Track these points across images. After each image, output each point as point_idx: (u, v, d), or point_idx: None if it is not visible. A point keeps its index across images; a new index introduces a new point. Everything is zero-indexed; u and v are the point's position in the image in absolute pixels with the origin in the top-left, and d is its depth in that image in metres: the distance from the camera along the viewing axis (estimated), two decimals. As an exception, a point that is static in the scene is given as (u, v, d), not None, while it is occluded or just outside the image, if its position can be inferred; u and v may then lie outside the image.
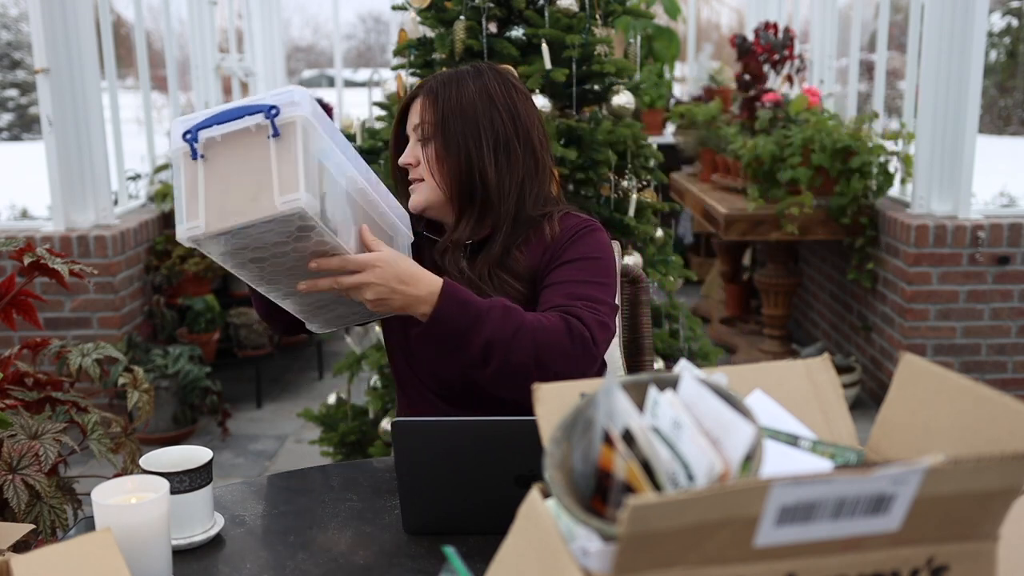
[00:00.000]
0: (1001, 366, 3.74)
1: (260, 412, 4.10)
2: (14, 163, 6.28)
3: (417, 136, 1.63)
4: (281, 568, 1.20)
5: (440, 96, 1.61)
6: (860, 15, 4.62)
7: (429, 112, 1.61)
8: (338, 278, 1.38)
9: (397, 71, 2.76)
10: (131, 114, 4.55)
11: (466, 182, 1.60)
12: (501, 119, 1.60)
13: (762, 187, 3.97)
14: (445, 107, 1.60)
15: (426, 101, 1.62)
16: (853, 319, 4.27)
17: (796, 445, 0.88)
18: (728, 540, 0.68)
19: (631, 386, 0.83)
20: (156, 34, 4.83)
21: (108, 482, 1.17)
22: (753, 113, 4.39)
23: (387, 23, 5.59)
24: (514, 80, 1.66)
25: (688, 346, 2.85)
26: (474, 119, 1.59)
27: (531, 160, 1.63)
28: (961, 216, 3.66)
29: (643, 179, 2.71)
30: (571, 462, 0.81)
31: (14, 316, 1.85)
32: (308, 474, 1.52)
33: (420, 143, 1.62)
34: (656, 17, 4.84)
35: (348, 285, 1.39)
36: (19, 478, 1.57)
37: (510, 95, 1.63)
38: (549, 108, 2.47)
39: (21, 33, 12.21)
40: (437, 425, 1.26)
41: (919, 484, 0.68)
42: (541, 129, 1.66)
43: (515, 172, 1.61)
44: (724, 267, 5.23)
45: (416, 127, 1.62)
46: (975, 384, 0.81)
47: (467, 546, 1.21)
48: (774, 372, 0.98)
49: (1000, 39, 9.52)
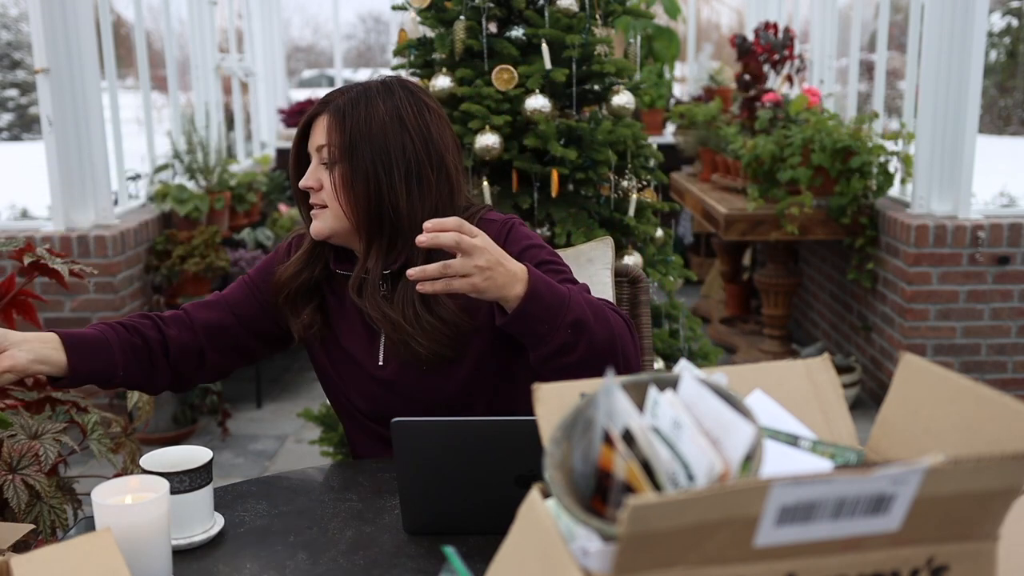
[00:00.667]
0: (1001, 366, 3.74)
1: (260, 412, 4.10)
2: (14, 163, 6.28)
3: (320, 158, 1.52)
4: (281, 568, 1.20)
5: (348, 117, 1.49)
6: (860, 15, 4.63)
7: (335, 134, 1.49)
8: (461, 234, 1.31)
9: (397, 71, 2.76)
10: (131, 114, 4.55)
11: (375, 211, 1.49)
12: (413, 145, 1.50)
13: (762, 187, 3.98)
14: (353, 130, 1.48)
15: (332, 121, 1.50)
16: (853, 319, 4.27)
17: (796, 445, 0.88)
18: (728, 540, 0.68)
19: (631, 386, 0.83)
20: (156, 34, 4.83)
21: (108, 482, 1.17)
22: (753, 113, 4.39)
23: (387, 23, 5.59)
24: (426, 98, 1.56)
25: (688, 346, 2.85)
26: (384, 145, 1.48)
27: (445, 185, 1.53)
28: (961, 216, 3.66)
29: (643, 179, 2.71)
30: (571, 462, 0.81)
31: (14, 316, 1.85)
32: (308, 474, 1.52)
33: (324, 166, 1.52)
34: (656, 17, 4.84)
35: (469, 243, 1.30)
36: (19, 478, 1.57)
37: (422, 116, 1.52)
38: (549, 108, 2.47)
39: (21, 33, 12.22)
40: (437, 425, 1.26)
41: (919, 484, 0.68)
42: (455, 148, 1.56)
43: (428, 200, 1.51)
44: (724, 267, 5.23)
45: (320, 148, 1.51)
46: (975, 384, 0.81)
47: (467, 546, 1.21)
48: (774, 372, 0.98)
49: (1000, 39, 9.52)
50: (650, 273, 2.69)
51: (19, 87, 12.85)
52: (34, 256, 1.82)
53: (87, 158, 3.65)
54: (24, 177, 4.69)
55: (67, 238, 3.62)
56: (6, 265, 3.63)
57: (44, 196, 3.80)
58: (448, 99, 2.51)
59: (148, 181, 4.38)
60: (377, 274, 1.52)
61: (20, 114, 13.23)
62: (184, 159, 4.35)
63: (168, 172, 4.37)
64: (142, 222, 3.94)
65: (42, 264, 1.82)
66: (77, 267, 1.86)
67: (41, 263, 1.82)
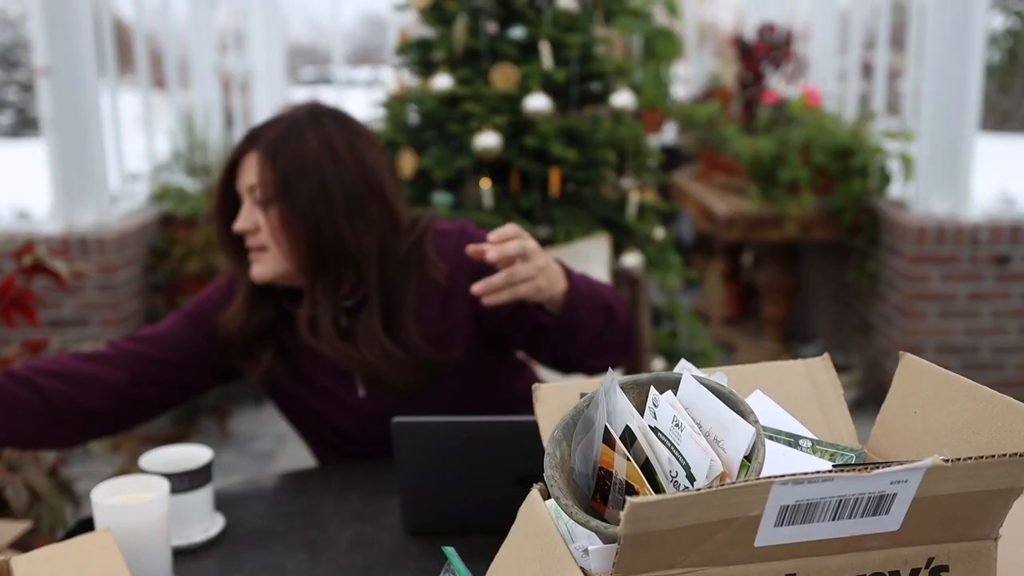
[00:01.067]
0: (1001, 366, 3.74)
1: (260, 412, 4.10)
2: (14, 163, 6.27)
3: (253, 198, 1.43)
4: (281, 568, 1.20)
5: (279, 153, 1.41)
6: (860, 15, 4.62)
7: (267, 172, 1.41)
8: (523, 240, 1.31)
9: (398, 70, 2.77)
10: (131, 114, 4.55)
11: (317, 248, 1.42)
12: (350, 175, 1.43)
13: (762, 187, 3.98)
14: (286, 166, 1.41)
15: (262, 158, 1.42)
16: (853, 319, 4.27)
17: (796, 445, 0.88)
18: (728, 540, 0.68)
19: (631, 386, 0.83)
20: (156, 34, 4.83)
21: (108, 482, 1.17)
22: (753, 113, 4.39)
23: (387, 23, 5.59)
24: (355, 124, 1.49)
25: (688, 346, 2.85)
26: (320, 179, 1.41)
27: (387, 214, 1.46)
28: (961, 216, 3.66)
29: (643, 179, 2.72)
30: (571, 462, 0.81)
31: (14, 316, 1.85)
32: (308, 474, 1.52)
33: (258, 206, 1.43)
34: (656, 17, 4.84)
35: (532, 247, 1.31)
36: (19, 478, 1.57)
37: (354, 144, 1.45)
38: (549, 108, 2.47)
39: (20, 33, 12.20)
40: (437, 425, 1.26)
41: (919, 484, 0.68)
42: (390, 172, 1.50)
43: (372, 230, 1.44)
44: (724, 267, 5.23)
45: (252, 188, 1.43)
46: (975, 384, 0.81)
47: (467, 546, 1.20)
48: (774, 372, 0.98)
49: (1000, 39, 9.52)
50: (650, 273, 2.69)
51: (19, 87, 12.85)
52: (34, 256, 1.82)
53: (87, 158, 3.65)
54: (24, 177, 4.68)
55: (67, 238, 3.62)
56: (6, 265, 3.63)
57: (44, 196, 3.79)
58: (448, 99, 2.51)
59: (148, 181, 4.38)
60: (329, 312, 1.45)
61: (20, 114, 13.22)
62: (184, 159, 4.35)
63: (168, 172, 4.37)
64: (142, 222, 3.94)
65: (42, 264, 1.82)
66: (77, 267, 1.86)
67: (41, 263, 1.82)
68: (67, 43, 3.53)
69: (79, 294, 3.65)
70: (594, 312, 1.41)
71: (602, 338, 1.44)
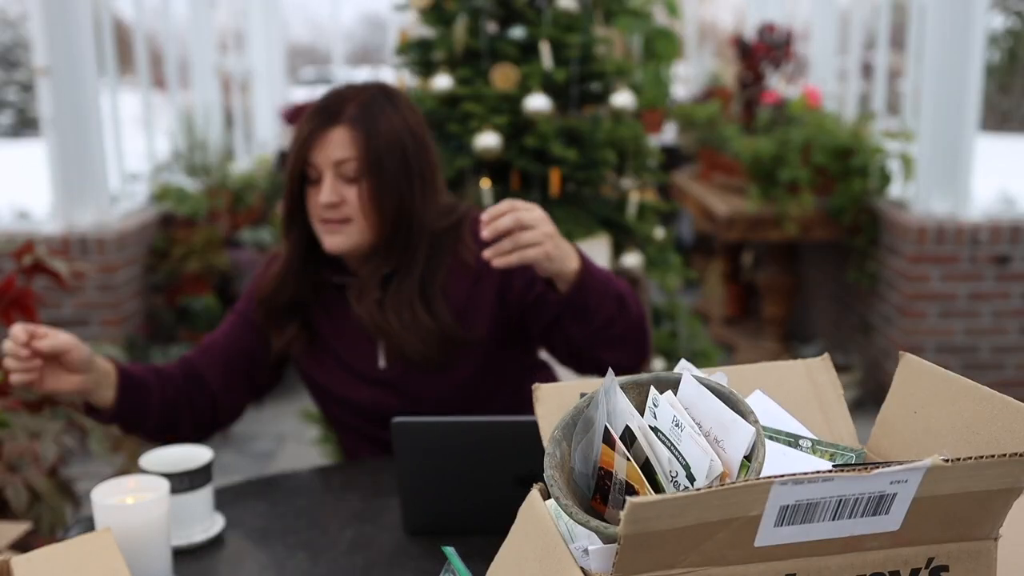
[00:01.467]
0: (1001, 366, 3.74)
1: (260, 412, 4.10)
2: (14, 163, 6.27)
3: (338, 172, 1.46)
4: (281, 568, 1.20)
5: (368, 130, 1.45)
6: (860, 15, 4.63)
7: (361, 148, 1.45)
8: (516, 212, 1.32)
9: (398, 70, 2.77)
10: (131, 114, 4.55)
11: (398, 221, 1.49)
12: (424, 152, 1.51)
13: (762, 187, 3.98)
14: (378, 143, 1.45)
15: (353, 135, 1.45)
16: (853, 319, 4.27)
17: (796, 445, 0.88)
18: (728, 540, 0.68)
19: (631, 386, 0.83)
20: (156, 34, 4.83)
21: (108, 482, 1.17)
22: (753, 113, 4.39)
23: (387, 23, 5.59)
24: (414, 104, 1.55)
25: (688, 346, 2.85)
26: (403, 155, 1.47)
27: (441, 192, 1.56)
28: (961, 216, 3.66)
29: (643, 179, 2.72)
30: (571, 462, 0.81)
31: (14, 316, 1.85)
32: (308, 474, 1.52)
33: (342, 180, 1.47)
34: (656, 17, 4.84)
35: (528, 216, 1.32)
36: (19, 478, 1.57)
37: (422, 123, 1.52)
38: (549, 108, 2.47)
39: (20, 33, 12.21)
40: (437, 425, 1.26)
41: (919, 484, 0.68)
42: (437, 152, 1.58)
43: (434, 202, 1.53)
44: (724, 267, 5.23)
45: (340, 163, 1.46)
46: (975, 384, 0.81)
47: (467, 546, 1.20)
48: (774, 372, 0.98)
49: (1000, 39, 9.52)
50: (650, 273, 2.69)
51: (19, 87, 12.85)
52: (34, 256, 1.82)
53: (86, 158, 3.65)
54: (24, 177, 4.68)
55: (67, 238, 3.62)
56: (6, 265, 3.63)
57: (44, 196, 3.79)
58: (448, 99, 2.51)
59: (148, 181, 4.38)
60: (376, 279, 1.52)
61: (20, 114, 13.22)
62: (184, 159, 4.35)
63: (167, 172, 4.37)
64: (142, 222, 3.94)
65: (42, 264, 1.82)
66: (77, 267, 1.86)
67: (41, 263, 1.82)
68: (67, 43, 3.53)
69: (79, 294, 3.65)
70: (606, 297, 1.42)
71: (614, 326, 1.44)
